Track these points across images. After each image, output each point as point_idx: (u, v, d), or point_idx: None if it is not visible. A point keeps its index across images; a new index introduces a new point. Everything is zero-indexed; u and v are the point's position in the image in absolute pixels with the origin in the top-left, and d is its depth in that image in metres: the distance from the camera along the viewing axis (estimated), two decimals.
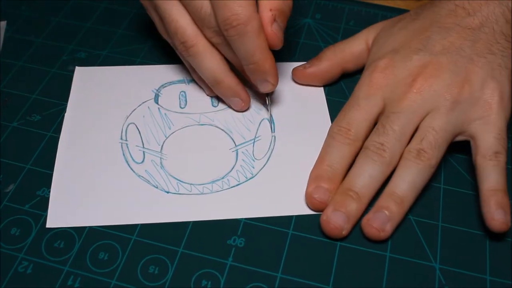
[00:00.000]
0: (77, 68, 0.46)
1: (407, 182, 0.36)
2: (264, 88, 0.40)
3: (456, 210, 0.37)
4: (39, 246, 0.35)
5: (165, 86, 0.44)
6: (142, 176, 0.38)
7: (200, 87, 0.44)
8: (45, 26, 0.49)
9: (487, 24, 0.39)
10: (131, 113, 0.42)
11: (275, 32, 0.38)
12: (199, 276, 0.34)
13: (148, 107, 0.43)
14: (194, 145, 0.41)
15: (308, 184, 0.37)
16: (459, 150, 0.40)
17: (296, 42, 0.47)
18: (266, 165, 0.39)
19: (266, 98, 0.42)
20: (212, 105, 0.43)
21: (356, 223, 0.36)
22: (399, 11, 0.50)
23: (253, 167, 0.39)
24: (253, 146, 0.41)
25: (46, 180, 0.38)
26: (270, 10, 0.37)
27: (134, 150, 0.40)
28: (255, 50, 0.37)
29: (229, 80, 0.40)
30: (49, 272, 0.34)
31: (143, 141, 0.41)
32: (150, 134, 0.41)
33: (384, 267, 0.35)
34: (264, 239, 0.36)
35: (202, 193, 0.38)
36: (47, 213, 0.36)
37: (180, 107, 0.43)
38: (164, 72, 0.46)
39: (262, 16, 0.37)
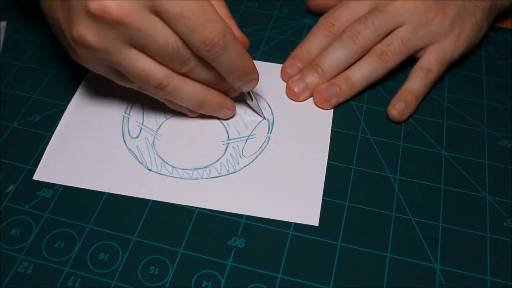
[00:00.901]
0: None
1: (363, 73, 0.43)
2: (250, 86, 0.40)
3: (456, 210, 0.37)
4: (40, 247, 0.35)
5: None
6: (131, 150, 0.40)
7: None
8: (45, 26, 0.49)
9: None
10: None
11: (243, 35, 0.40)
12: (200, 276, 0.34)
13: None
14: (189, 131, 0.41)
15: (286, 60, 0.45)
16: (458, 151, 0.40)
17: (297, 42, 0.47)
18: (250, 164, 0.40)
19: (248, 95, 0.42)
20: None
21: (311, 95, 0.43)
22: None
23: (238, 163, 0.39)
24: (245, 143, 0.41)
25: (46, 181, 0.38)
26: (230, 17, 0.39)
27: (133, 125, 0.41)
28: (239, 57, 0.37)
29: (212, 97, 0.40)
30: (50, 272, 0.34)
31: (144, 118, 0.42)
32: (151, 113, 0.42)
33: (385, 267, 0.34)
34: (265, 239, 0.36)
35: (181, 178, 0.38)
36: (47, 213, 0.36)
37: None
38: None
39: (229, 24, 0.37)
